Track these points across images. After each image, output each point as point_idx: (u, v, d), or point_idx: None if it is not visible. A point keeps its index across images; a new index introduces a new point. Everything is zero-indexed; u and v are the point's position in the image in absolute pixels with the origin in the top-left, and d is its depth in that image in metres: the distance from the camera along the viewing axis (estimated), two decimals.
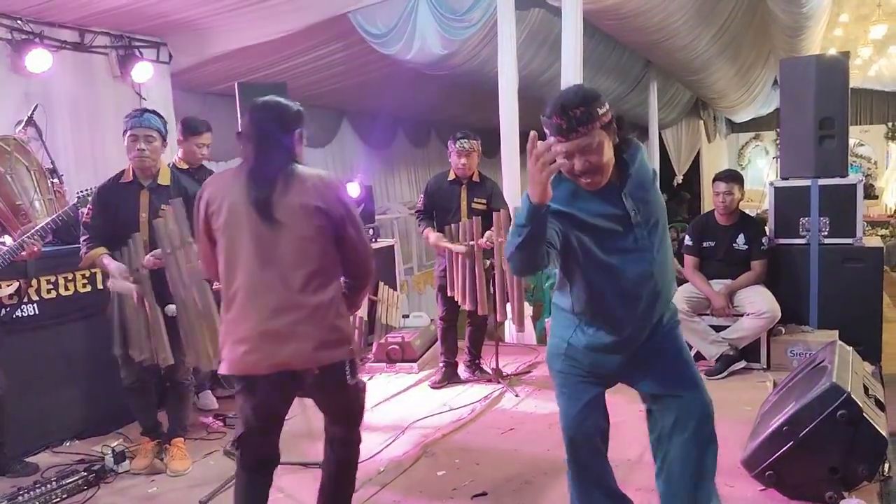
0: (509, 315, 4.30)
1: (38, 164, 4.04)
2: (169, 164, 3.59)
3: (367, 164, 9.94)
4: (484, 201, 4.36)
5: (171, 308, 3.20)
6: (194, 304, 3.13)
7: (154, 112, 3.36)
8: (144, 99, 5.74)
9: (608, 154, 1.94)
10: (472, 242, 4.14)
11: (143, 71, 5.62)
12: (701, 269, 4.53)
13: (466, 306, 4.24)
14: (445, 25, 5.40)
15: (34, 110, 4.50)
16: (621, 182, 2.02)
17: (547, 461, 3.19)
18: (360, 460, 2.48)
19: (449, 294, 4.33)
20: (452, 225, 4.28)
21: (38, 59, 4.97)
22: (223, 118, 7.30)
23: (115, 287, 3.24)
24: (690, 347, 4.31)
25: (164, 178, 3.36)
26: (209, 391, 4.28)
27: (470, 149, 4.28)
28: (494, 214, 4.11)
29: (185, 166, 4.11)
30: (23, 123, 4.46)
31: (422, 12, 5.43)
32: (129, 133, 3.24)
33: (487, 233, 4.13)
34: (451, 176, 4.41)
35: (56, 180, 4.25)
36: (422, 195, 4.55)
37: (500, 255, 4.03)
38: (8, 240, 3.48)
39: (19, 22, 4.99)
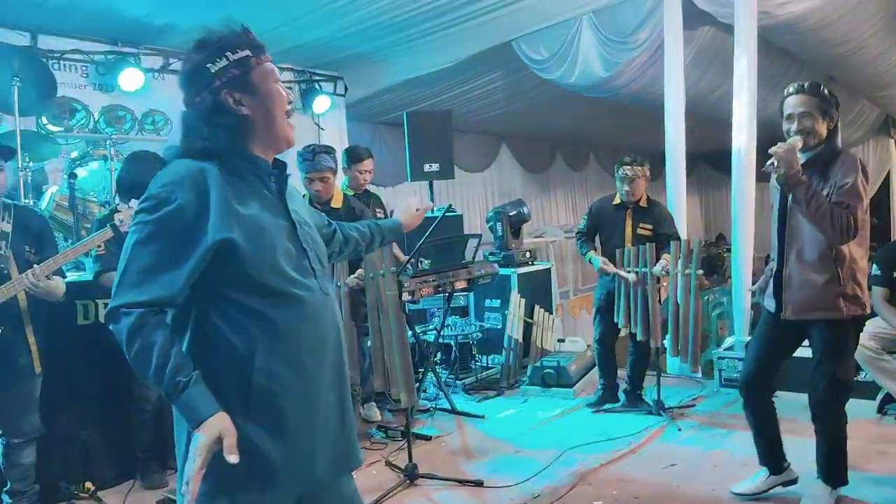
0: (668, 345, 4.15)
1: None
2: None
3: (524, 187, 10.03)
4: (650, 227, 4.25)
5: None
6: (388, 330, 3.35)
7: (324, 149, 3.66)
8: (323, 129, 6.20)
9: None
10: (644, 270, 4.06)
11: (322, 103, 6.09)
12: (892, 301, 4.11)
13: (634, 330, 4.15)
14: (609, 48, 5.36)
15: None
16: None
17: (711, 500, 3.03)
18: (515, 482, 2.45)
19: (615, 319, 4.26)
20: (618, 250, 4.20)
21: None
22: (392, 146, 7.70)
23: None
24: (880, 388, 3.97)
25: (337, 202, 3.81)
26: (374, 403, 4.47)
27: (633, 175, 4.19)
28: (673, 244, 4.00)
29: (351, 192, 4.40)
30: None
31: (585, 36, 5.43)
32: (305, 175, 3.60)
33: (661, 261, 4.03)
34: (617, 200, 4.33)
35: None
36: (584, 216, 4.51)
37: (675, 286, 3.97)
38: None
39: None
